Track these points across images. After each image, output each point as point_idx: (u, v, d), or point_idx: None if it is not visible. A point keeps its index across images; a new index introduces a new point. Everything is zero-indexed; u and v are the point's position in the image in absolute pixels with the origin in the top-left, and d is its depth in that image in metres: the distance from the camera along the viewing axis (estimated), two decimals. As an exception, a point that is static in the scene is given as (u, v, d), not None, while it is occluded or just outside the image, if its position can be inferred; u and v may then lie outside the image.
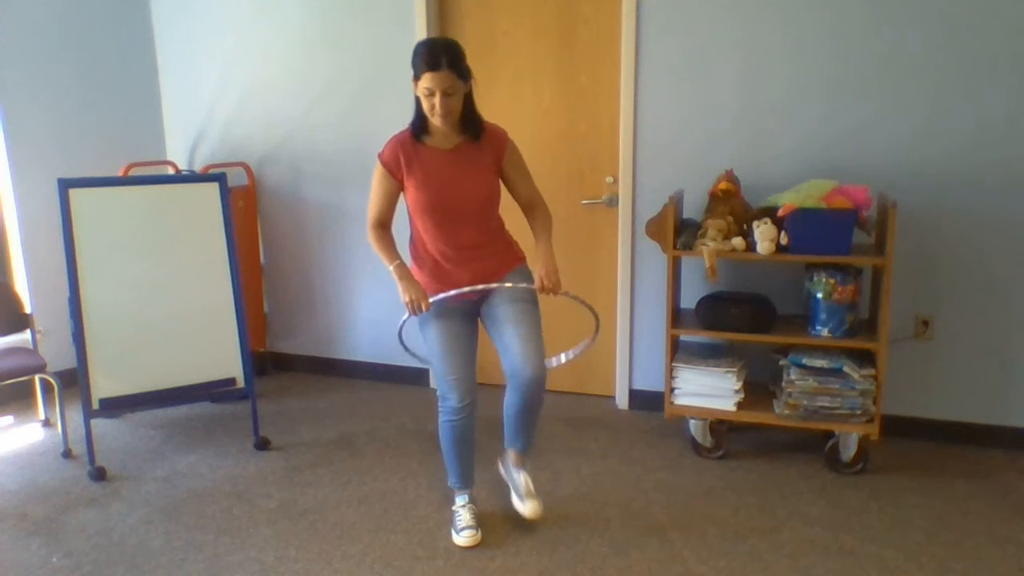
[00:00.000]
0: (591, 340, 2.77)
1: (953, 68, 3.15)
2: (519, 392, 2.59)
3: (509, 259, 2.66)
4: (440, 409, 2.66)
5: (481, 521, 2.74)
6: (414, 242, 2.65)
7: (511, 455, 2.80)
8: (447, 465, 2.76)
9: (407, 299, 2.47)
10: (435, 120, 2.43)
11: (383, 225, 2.60)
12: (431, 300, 2.50)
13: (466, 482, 2.77)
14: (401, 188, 2.57)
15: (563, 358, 2.80)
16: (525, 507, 2.69)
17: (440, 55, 2.35)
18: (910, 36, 3.18)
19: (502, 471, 2.89)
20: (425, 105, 2.42)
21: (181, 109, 4.55)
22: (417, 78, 2.39)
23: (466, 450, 2.71)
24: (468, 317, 2.64)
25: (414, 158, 2.51)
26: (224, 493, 3.07)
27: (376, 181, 2.58)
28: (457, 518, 2.72)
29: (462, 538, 2.66)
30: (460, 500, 2.77)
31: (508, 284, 2.55)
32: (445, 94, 2.36)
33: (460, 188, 2.51)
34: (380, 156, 2.55)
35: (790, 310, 3.35)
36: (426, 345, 2.64)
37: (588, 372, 4.00)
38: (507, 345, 2.57)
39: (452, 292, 2.50)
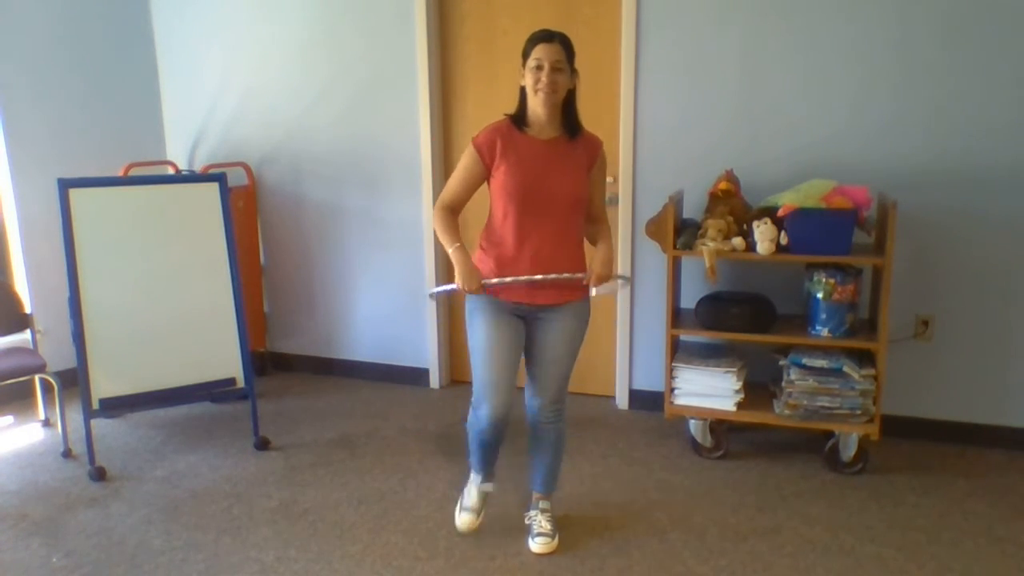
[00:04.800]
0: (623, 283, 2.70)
1: (954, 68, 3.15)
2: (533, 423, 2.64)
3: (572, 286, 2.52)
4: (470, 414, 2.61)
5: (487, 509, 2.77)
6: (489, 229, 2.55)
7: (533, 496, 2.76)
8: (472, 456, 2.72)
9: (460, 281, 2.42)
10: (538, 96, 2.39)
11: (453, 209, 2.53)
12: (486, 283, 2.45)
13: (485, 476, 2.74)
14: (486, 176, 2.50)
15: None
16: (534, 543, 2.63)
17: (554, 32, 2.43)
18: (911, 36, 3.18)
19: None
20: (530, 80, 2.40)
21: (181, 109, 4.55)
22: (527, 56, 2.42)
23: (490, 451, 2.67)
24: (518, 324, 2.55)
25: (510, 144, 2.46)
26: (224, 493, 3.07)
27: (463, 164, 2.51)
28: (466, 495, 2.76)
29: (459, 519, 2.72)
30: (473, 479, 2.75)
31: (566, 275, 2.45)
32: (553, 68, 2.38)
33: (550, 179, 2.45)
34: (475, 140, 2.49)
35: (790, 310, 3.35)
36: (470, 342, 2.57)
37: (588, 372, 4.00)
38: (531, 373, 2.60)
39: (508, 279, 2.44)
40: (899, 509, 2.86)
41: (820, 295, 3.03)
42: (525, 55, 2.43)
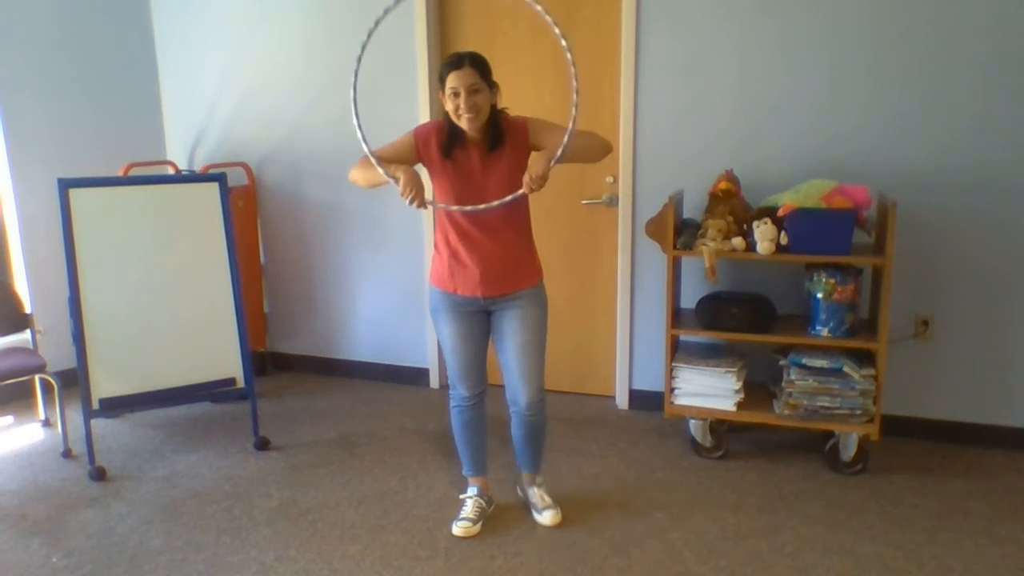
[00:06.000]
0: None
1: (953, 68, 3.14)
2: (519, 417, 2.73)
3: (522, 274, 2.63)
4: (450, 396, 2.79)
5: (485, 518, 2.79)
6: (438, 230, 2.64)
7: (524, 476, 2.89)
8: (459, 452, 2.86)
9: (405, 189, 2.39)
10: (462, 122, 2.42)
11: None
12: (431, 203, 2.48)
13: (476, 470, 2.85)
14: (415, 162, 2.55)
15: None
16: (544, 517, 2.77)
17: (463, 56, 2.43)
18: (909, 36, 3.17)
19: (520, 493, 2.96)
20: (450, 107, 2.42)
21: (181, 109, 4.55)
22: (443, 83, 2.42)
23: (475, 438, 2.81)
24: (479, 318, 2.67)
25: (447, 158, 2.51)
26: (224, 493, 3.07)
27: (401, 140, 2.57)
28: (462, 508, 2.81)
29: (457, 527, 2.73)
30: (470, 491, 2.84)
31: (509, 198, 2.40)
32: (469, 92, 2.38)
33: (485, 191, 2.49)
34: (416, 128, 2.57)
35: (790, 310, 3.35)
36: (438, 339, 2.74)
37: (588, 372, 4.00)
38: (508, 367, 2.66)
39: (454, 207, 2.47)
40: (899, 509, 2.86)
41: (820, 295, 3.03)
42: (441, 82, 2.44)
